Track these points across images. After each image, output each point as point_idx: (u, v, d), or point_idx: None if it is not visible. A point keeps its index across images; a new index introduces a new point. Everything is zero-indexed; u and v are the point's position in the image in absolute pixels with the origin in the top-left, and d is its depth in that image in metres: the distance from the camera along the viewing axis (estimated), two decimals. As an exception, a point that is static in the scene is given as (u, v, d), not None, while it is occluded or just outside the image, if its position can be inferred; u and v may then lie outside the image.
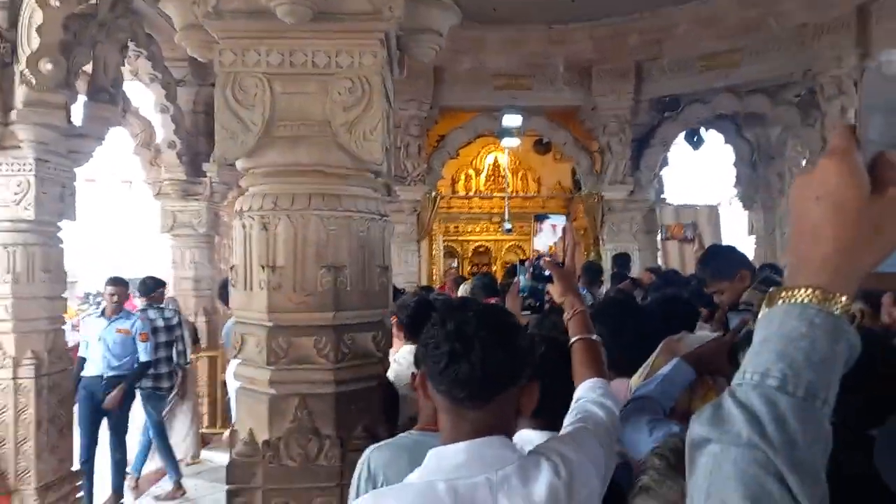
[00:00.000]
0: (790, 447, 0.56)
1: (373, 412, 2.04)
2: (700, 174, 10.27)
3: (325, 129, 1.93)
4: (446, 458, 1.07)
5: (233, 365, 3.66)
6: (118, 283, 5.11)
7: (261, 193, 1.99)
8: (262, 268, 1.94)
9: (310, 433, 1.94)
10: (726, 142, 9.09)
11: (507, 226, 9.94)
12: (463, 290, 6.94)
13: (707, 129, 8.96)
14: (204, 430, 6.21)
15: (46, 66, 3.80)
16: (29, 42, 3.77)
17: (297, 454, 1.93)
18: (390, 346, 2.14)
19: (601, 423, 1.26)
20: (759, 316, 0.63)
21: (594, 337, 1.51)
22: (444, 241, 11.31)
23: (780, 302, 0.61)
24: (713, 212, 9.56)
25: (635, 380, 1.90)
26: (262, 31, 1.90)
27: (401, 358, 2.59)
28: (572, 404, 1.33)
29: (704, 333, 1.86)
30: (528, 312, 1.90)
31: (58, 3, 3.72)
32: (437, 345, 1.09)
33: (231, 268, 2.09)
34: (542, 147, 10.62)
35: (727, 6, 7.38)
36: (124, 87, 6.68)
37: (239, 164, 2.04)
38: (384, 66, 1.99)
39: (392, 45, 2.09)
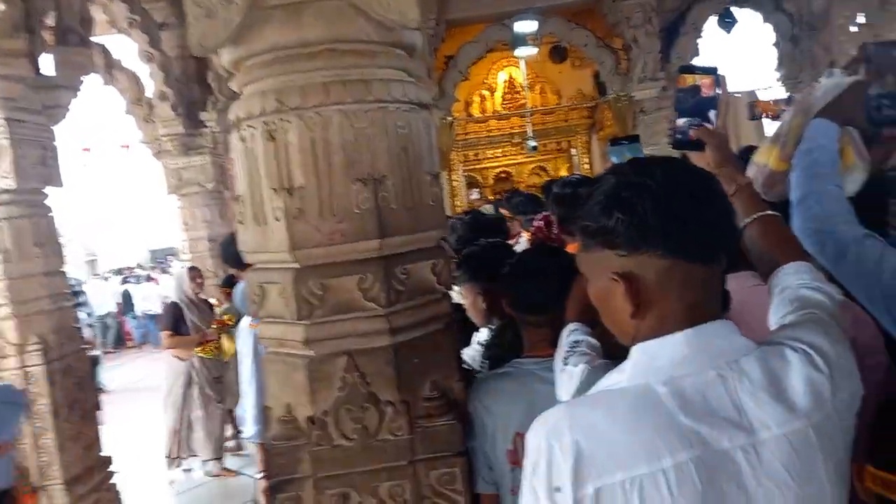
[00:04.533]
0: None
1: (442, 364, 1.57)
2: (735, 60, 9.44)
3: (335, -11, 1.39)
4: (661, 354, 0.83)
5: (244, 333, 3.16)
6: None
7: (259, 92, 1.46)
8: (276, 191, 1.43)
9: (365, 401, 1.48)
10: (765, 20, 8.23)
11: (532, 143, 9.31)
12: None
13: (742, 8, 8.13)
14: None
15: (-2, 6, 3.24)
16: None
17: (353, 430, 1.47)
18: (452, 277, 1.65)
19: (829, 311, 0.94)
20: None
21: (774, 213, 1.13)
22: (463, 170, 10.73)
23: None
24: (752, 98, 8.82)
25: (764, 150, 1.58)
26: None
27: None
28: (773, 292, 1.03)
29: (837, 79, 1.50)
30: None
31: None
32: (673, 195, 0.83)
33: (236, 199, 1.59)
34: (557, 56, 9.86)
35: None
36: (104, 41, 6.13)
37: (225, 57, 1.51)
38: None
39: None
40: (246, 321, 3.16)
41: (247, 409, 3.12)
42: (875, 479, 1.10)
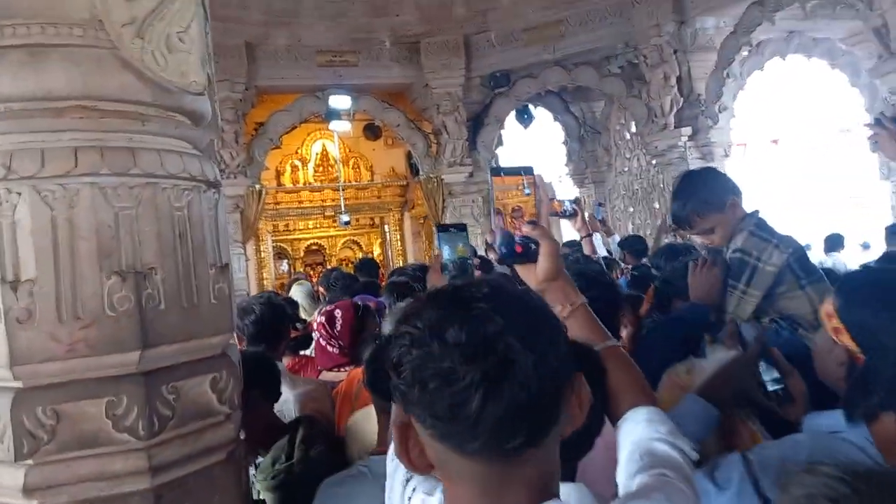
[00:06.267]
0: None
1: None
2: (532, 152, 10.28)
3: (96, 34, 1.10)
4: None
5: None
6: None
7: (-20, 153, 1.10)
8: (-7, 285, 1.07)
9: (111, 567, 1.11)
10: (555, 119, 9.09)
11: (345, 218, 9.16)
12: (299, 293, 6.04)
13: (536, 107, 8.90)
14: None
15: None
16: None
17: None
18: (239, 390, 1.35)
19: (682, 471, 0.83)
20: None
21: (617, 342, 1.01)
22: (273, 241, 10.24)
23: None
24: (549, 189, 9.56)
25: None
26: None
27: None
28: (622, 440, 0.91)
29: (720, 355, 1.40)
30: None
31: None
32: (446, 372, 0.62)
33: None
34: (372, 133, 9.98)
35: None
36: None
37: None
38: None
39: None
40: None
41: None
42: None
